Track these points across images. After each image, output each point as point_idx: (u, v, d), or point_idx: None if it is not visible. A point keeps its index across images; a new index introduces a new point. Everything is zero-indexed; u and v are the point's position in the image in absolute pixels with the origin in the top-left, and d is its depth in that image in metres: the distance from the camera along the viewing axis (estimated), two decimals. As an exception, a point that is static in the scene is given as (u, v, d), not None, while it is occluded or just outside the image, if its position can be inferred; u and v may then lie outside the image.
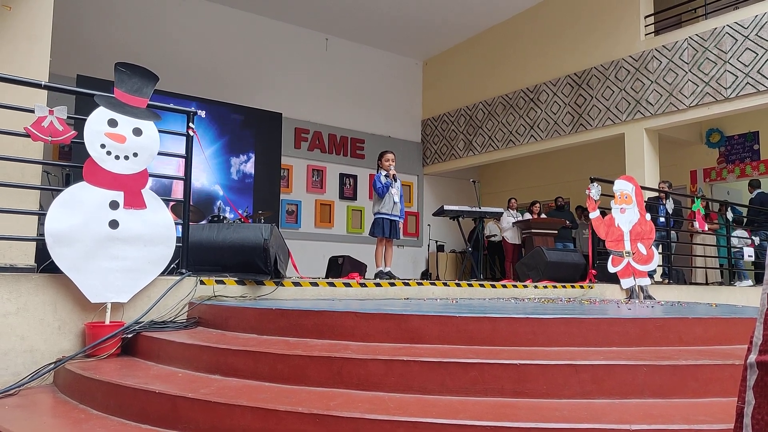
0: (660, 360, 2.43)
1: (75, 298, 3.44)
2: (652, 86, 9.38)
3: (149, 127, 3.80)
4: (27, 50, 4.05)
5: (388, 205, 6.25)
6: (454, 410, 2.16)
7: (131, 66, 3.79)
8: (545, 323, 2.81)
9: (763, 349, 0.91)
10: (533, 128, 11.37)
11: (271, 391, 2.45)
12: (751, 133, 10.93)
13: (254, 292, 4.27)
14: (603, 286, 6.85)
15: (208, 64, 11.03)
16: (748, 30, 8.28)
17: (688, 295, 7.52)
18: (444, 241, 13.60)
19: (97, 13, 9.97)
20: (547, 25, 11.38)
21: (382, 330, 2.92)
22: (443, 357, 2.48)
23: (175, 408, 2.37)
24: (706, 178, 11.52)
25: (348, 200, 12.82)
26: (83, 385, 2.81)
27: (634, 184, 7.01)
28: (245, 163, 10.69)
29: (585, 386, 2.35)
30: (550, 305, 4.25)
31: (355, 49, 13.23)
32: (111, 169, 3.60)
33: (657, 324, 2.89)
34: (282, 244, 4.74)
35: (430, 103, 14.24)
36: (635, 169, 9.38)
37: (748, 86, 8.19)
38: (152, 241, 3.71)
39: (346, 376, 2.49)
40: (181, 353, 3.01)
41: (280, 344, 2.88)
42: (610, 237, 6.77)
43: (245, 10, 11.56)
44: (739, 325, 3.05)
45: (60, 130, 3.50)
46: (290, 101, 11.96)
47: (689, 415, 2.07)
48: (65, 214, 3.40)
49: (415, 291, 5.43)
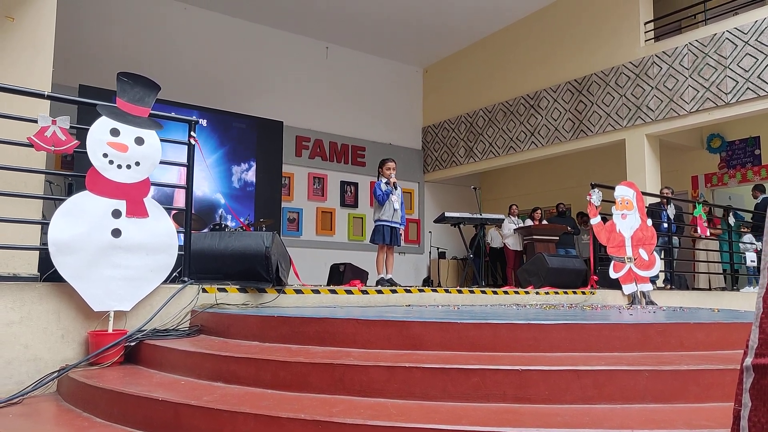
0: (661, 365, 2.44)
1: (78, 307, 3.45)
2: (653, 92, 9.40)
3: (151, 136, 3.83)
4: (30, 60, 4.08)
5: (389, 212, 6.26)
6: (456, 416, 2.16)
7: (133, 75, 3.82)
8: (547, 329, 2.82)
9: (758, 353, 0.92)
10: (534, 135, 11.39)
11: (274, 398, 2.46)
12: (752, 138, 10.93)
13: (256, 299, 4.28)
14: (605, 292, 6.84)
15: (209, 72, 11.08)
16: (747, 35, 8.31)
17: (690, 300, 7.51)
18: (445, 248, 13.59)
19: (100, 24, 10.03)
20: (547, 32, 11.42)
21: (384, 337, 2.92)
22: (445, 363, 2.48)
23: (177, 415, 2.38)
24: (707, 183, 11.52)
25: (349, 208, 12.83)
26: (86, 393, 2.82)
27: (635, 190, 7.02)
28: (246, 172, 10.72)
29: (587, 392, 2.35)
30: (551, 311, 4.25)
31: (356, 56, 13.28)
32: (113, 178, 3.62)
33: (658, 329, 2.90)
34: (283, 252, 4.75)
35: (431, 110, 14.28)
36: (636, 174, 9.39)
37: (748, 91, 8.21)
38: (154, 250, 3.72)
39: (348, 383, 2.50)
40: (184, 361, 3.02)
41: (282, 351, 2.89)
42: (611, 243, 6.77)
43: (246, 19, 11.62)
44: (741, 330, 3.05)
45: (63, 140, 3.52)
46: (291, 109, 12.00)
47: (691, 420, 2.08)
48: (68, 223, 3.42)
49: (416, 298, 5.44)
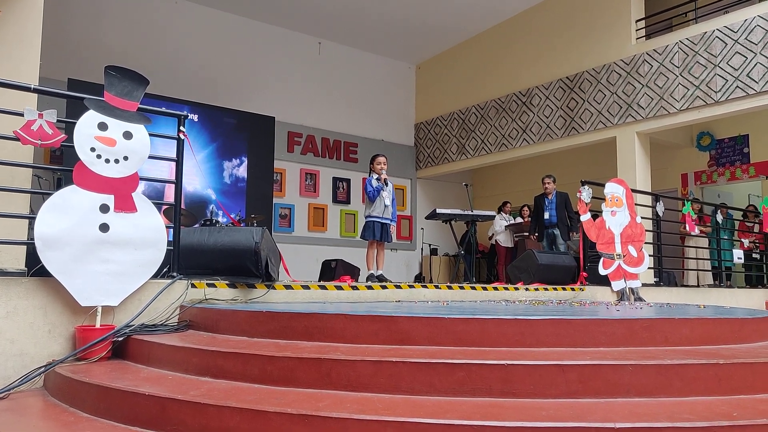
0: (646, 360, 2.46)
1: (65, 302, 3.44)
2: (644, 90, 9.45)
3: (140, 131, 3.81)
4: (17, 54, 4.04)
5: (379, 208, 6.26)
6: (442, 410, 2.17)
7: (121, 69, 3.80)
8: (533, 324, 2.83)
9: None
10: (526, 132, 11.42)
11: (261, 393, 2.46)
12: (741, 136, 11.01)
13: (245, 295, 4.28)
14: (594, 289, 6.88)
15: (200, 67, 11.04)
16: (737, 34, 8.36)
17: (678, 297, 7.56)
18: (437, 245, 13.62)
19: (89, 17, 9.96)
20: (539, 29, 11.44)
21: (372, 332, 2.93)
22: (432, 358, 2.49)
23: (164, 410, 2.38)
24: (696, 181, 11.60)
25: (341, 204, 12.83)
26: (73, 388, 2.81)
27: (624, 187, 7.05)
28: (238, 167, 10.69)
29: (572, 386, 2.37)
30: (540, 307, 4.27)
31: (348, 52, 13.26)
32: (101, 173, 3.61)
33: (644, 325, 2.92)
34: (273, 248, 4.75)
35: (423, 106, 14.29)
36: (627, 172, 9.44)
37: (737, 90, 8.26)
38: (143, 245, 3.71)
39: (335, 378, 2.51)
40: (172, 356, 3.02)
41: (270, 346, 2.90)
42: (600, 240, 6.81)
43: (237, 14, 11.57)
44: (725, 326, 3.08)
45: (50, 134, 3.50)
46: (283, 105, 11.97)
47: (673, 414, 2.10)
48: (55, 217, 3.41)
49: (406, 294, 5.45)
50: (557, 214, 8.78)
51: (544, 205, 8.86)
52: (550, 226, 8.79)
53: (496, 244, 11.52)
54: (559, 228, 8.75)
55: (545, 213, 8.77)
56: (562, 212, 8.82)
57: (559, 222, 8.76)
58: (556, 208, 8.79)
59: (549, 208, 8.79)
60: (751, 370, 2.48)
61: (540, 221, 8.94)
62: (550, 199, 8.83)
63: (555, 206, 8.80)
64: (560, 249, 8.59)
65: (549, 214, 8.77)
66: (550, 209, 8.79)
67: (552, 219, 8.76)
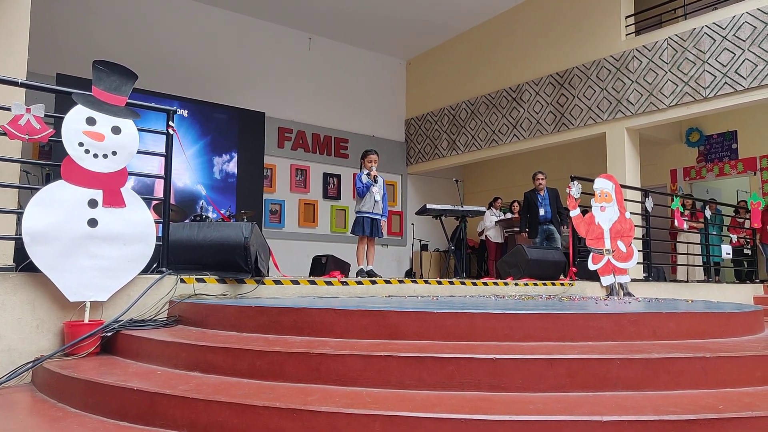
0: (633, 354, 2.48)
1: (53, 297, 3.42)
2: (633, 86, 9.49)
3: (128, 126, 3.79)
4: (4, 48, 4.01)
5: (369, 204, 6.27)
6: (431, 404, 2.18)
7: (110, 64, 3.77)
8: (521, 318, 2.85)
9: None
10: (516, 128, 11.44)
11: (250, 387, 2.46)
12: (729, 132, 11.09)
13: (235, 290, 4.27)
14: (583, 284, 6.92)
15: (190, 62, 10.98)
16: (726, 30, 8.41)
17: (667, 292, 7.62)
18: (428, 240, 13.65)
19: (78, 11, 9.88)
20: (529, 25, 11.46)
21: (361, 327, 2.94)
22: (421, 352, 2.50)
23: (153, 405, 2.37)
24: (685, 176, 11.68)
25: (332, 200, 12.82)
26: (61, 383, 2.80)
27: (614, 183, 7.09)
28: (228, 163, 10.65)
29: (560, 380, 2.39)
30: (530, 302, 4.29)
31: (339, 48, 13.23)
32: (89, 168, 3.59)
33: (631, 319, 2.94)
34: (263, 243, 4.74)
35: (414, 102, 14.29)
36: (616, 167, 9.49)
37: (726, 86, 8.32)
38: (132, 240, 3.70)
39: (324, 372, 2.51)
40: (161, 351, 3.01)
41: (259, 341, 2.90)
42: (590, 235, 6.84)
43: (227, 9, 11.51)
44: (712, 320, 3.11)
45: (37, 129, 3.48)
46: (273, 100, 11.93)
47: (659, 407, 2.12)
48: (43, 212, 3.38)
49: (396, 289, 5.46)
50: (551, 209, 8.81)
51: (537, 202, 8.87)
52: (546, 222, 8.81)
53: (486, 239, 11.55)
54: (553, 224, 8.78)
55: (540, 209, 8.77)
56: (554, 208, 8.85)
57: (552, 218, 8.79)
58: (550, 204, 8.82)
59: (543, 205, 8.80)
60: (737, 364, 2.51)
61: (533, 218, 8.95)
62: (543, 195, 8.84)
63: (549, 202, 8.83)
64: (559, 244, 8.60)
65: (544, 210, 8.78)
66: (544, 205, 8.80)
67: (547, 215, 8.77)
